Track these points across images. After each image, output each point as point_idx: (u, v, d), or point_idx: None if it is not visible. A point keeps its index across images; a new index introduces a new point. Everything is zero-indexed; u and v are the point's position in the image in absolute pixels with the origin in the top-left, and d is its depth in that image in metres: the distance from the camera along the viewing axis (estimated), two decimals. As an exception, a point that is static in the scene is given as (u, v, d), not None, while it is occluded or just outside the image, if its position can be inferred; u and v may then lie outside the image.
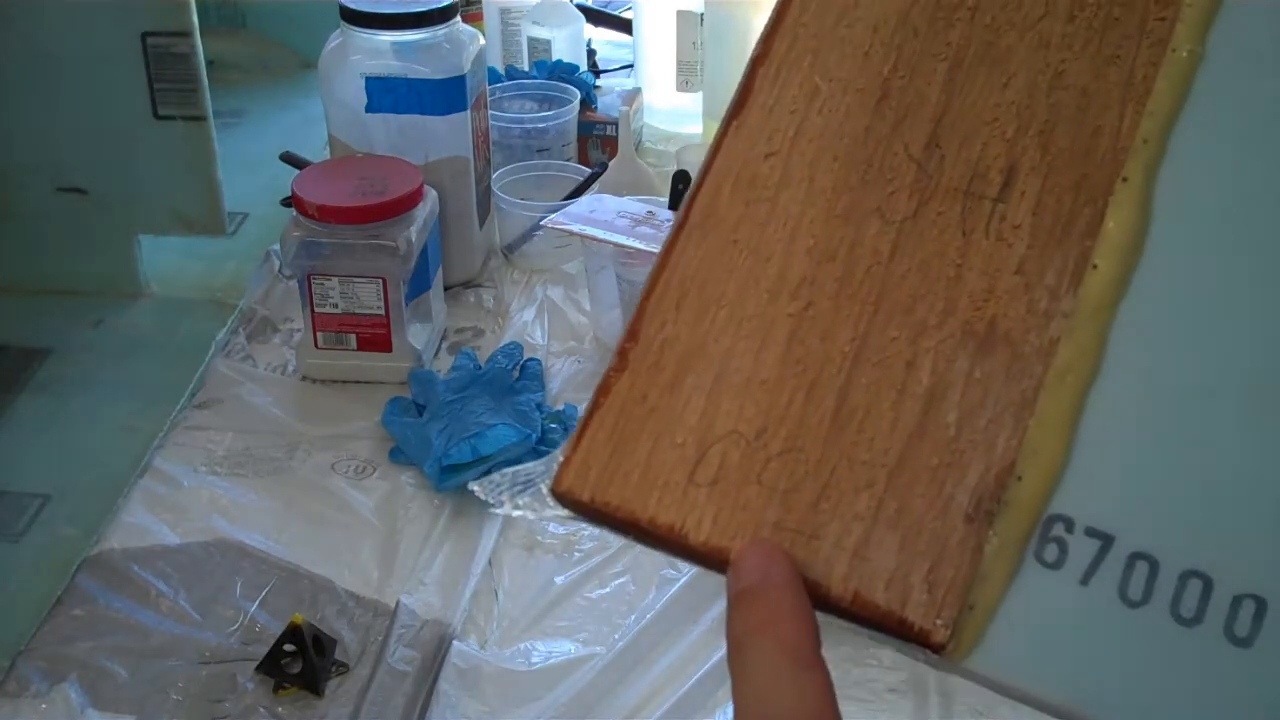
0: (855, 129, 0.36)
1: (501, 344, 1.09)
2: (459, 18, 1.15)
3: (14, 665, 0.82)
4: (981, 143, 0.35)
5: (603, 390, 0.34)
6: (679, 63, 1.49)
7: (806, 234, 0.35)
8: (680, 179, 1.12)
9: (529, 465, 0.35)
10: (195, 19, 1.15)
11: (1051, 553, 0.31)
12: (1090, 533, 0.31)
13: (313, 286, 1.05)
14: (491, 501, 0.33)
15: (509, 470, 0.35)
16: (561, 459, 0.34)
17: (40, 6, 1.14)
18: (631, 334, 0.35)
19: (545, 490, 0.34)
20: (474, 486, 0.36)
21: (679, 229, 0.36)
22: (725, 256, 0.35)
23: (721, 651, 0.80)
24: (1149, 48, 0.35)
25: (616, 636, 0.83)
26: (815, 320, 0.34)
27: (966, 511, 0.31)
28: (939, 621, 0.31)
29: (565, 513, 0.34)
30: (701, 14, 1.42)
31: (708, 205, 0.36)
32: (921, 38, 0.36)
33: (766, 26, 0.37)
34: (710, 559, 0.32)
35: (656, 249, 1.17)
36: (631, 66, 1.59)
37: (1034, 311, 0.33)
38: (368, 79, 1.11)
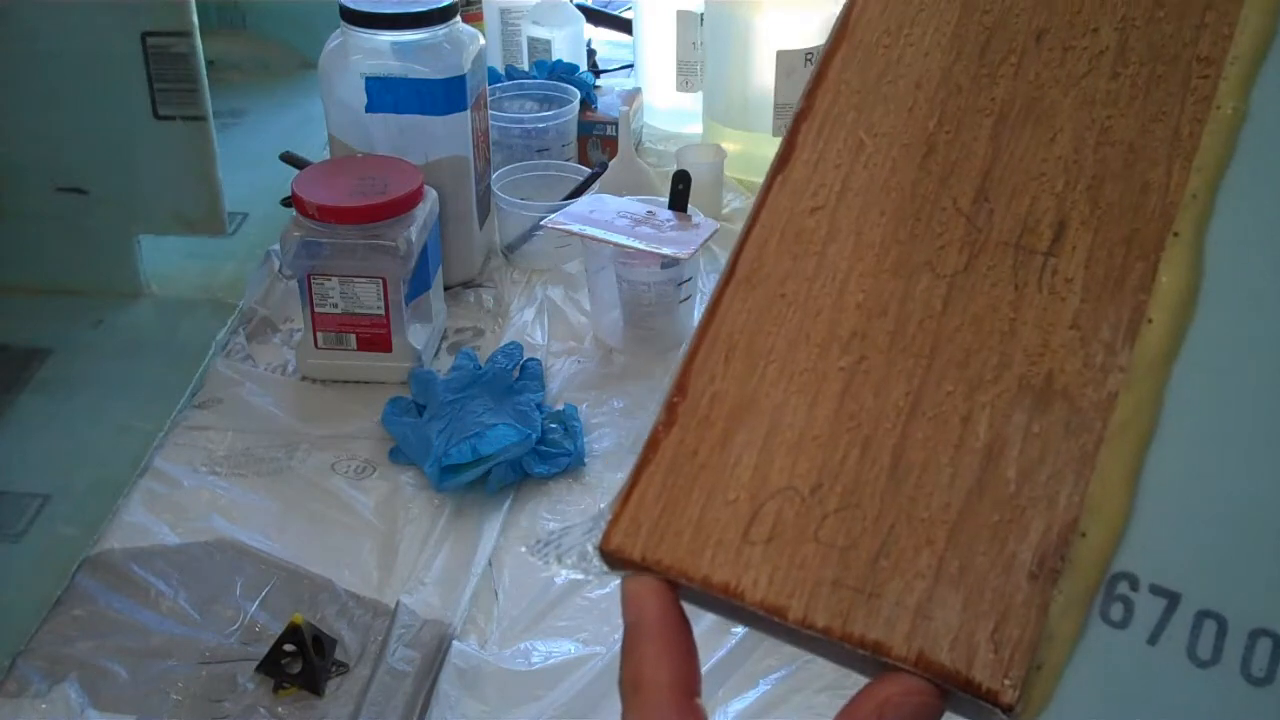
0: (902, 183, 0.35)
1: (501, 344, 1.09)
2: (459, 18, 1.15)
3: (14, 665, 0.82)
4: (1030, 197, 0.35)
5: (651, 446, 0.33)
6: (679, 63, 1.49)
7: (856, 288, 0.34)
8: (680, 179, 1.11)
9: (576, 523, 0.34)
10: (195, 19, 1.15)
11: (1118, 611, 0.30)
12: (1155, 590, 0.30)
13: (313, 286, 1.05)
14: (539, 563, 0.32)
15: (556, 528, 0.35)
16: (610, 516, 0.33)
17: (40, 6, 1.14)
18: (679, 388, 0.34)
19: (591, 549, 0.34)
20: (523, 549, 0.35)
21: (725, 283, 0.35)
22: (773, 310, 0.35)
23: (722, 650, 0.80)
24: (1194, 104, 0.35)
25: (616, 636, 0.83)
26: (868, 375, 0.33)
27: (1030, 569, 0.31)
28: (1007, 682, 0.30)
29: (614, 572, 0.33)
30: (701, 14, 1.42)
31: (754, 259, 0.35)
32: (965, 94, 0.36)
33: (809, 83, 0.37)
34: (767, 619, 0.32)
35: (656, 249, 1.17)
36: (631, 66, 1.59)
37: (1090, 366, 0.33)
38: (368, 79, 1.11)
